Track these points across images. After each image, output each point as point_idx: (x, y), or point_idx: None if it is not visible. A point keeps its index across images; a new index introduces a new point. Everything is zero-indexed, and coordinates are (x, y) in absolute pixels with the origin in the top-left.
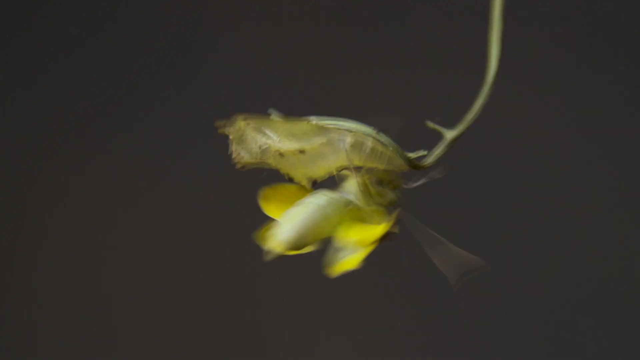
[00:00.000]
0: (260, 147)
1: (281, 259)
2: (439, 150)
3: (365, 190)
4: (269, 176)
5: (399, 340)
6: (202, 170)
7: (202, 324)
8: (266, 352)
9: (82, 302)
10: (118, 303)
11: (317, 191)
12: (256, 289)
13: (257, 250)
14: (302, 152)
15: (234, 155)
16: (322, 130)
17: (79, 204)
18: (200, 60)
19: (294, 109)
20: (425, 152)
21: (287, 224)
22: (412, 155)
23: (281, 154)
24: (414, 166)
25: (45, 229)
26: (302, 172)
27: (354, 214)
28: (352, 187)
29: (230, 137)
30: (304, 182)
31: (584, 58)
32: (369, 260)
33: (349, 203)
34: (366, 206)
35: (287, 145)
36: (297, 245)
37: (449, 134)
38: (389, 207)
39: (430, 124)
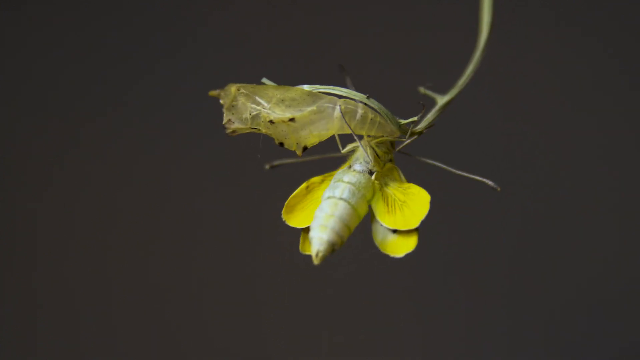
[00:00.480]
0: (251, 114)
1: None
2: (430, 116)
3: (375, 154)
4: (270, 177)
5: (399, 340)
6: (203, 169)
7: (202, 324)
8: (266, 352)
9: (81, 301)
10: (118, 303)
11: (335, 179)
12: (256, 289)
13: (257, 250)
14: (292, 120)
15: (225, 122)
16: (313, 97)
17: (74, 195)
18: (192, 36)
19: (288, 77)
20: (416, 118)
21: (316, 235)
22: (403, 121)
23: (272, 122)
24: (406, 132)
25: (44, 227)
26: (293, 139)
27: (378, 181)
28: (361, 156)
29: (222, 103)
30: (295, 149)
31: (576, 23)
32: (369, 260)
33: (370, 176)
34: (381, 168)
35: (278, 113)
36: (334, 249)
37: (441, 99)
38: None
39: (422, 90)
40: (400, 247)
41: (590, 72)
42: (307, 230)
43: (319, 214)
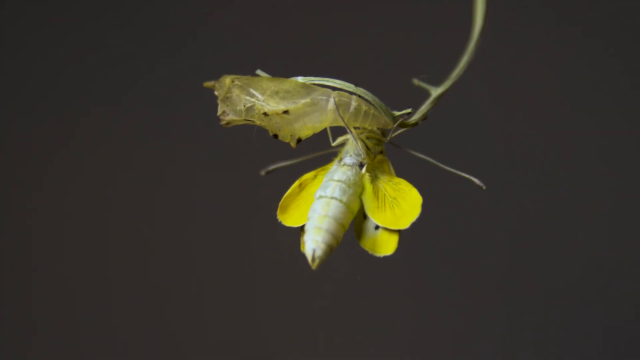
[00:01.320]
0: (245, 106)
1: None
2: (424, 107)
3: (365, 146)
4: (270, 177)
5: (397, 340)
6: (201, 168)
7: (202, 324)
8: (265, 351)
9: (79, 300)
10: (117, 302)
11: (326, 178)
12: (255, 288)
13: (255, 249)
14: (286, 112)
15: (219, 114)
16: (307, 89)
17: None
18: (192, 36)
19: (283, 69)
20: (410, 110)
21: (311, 238)
22: (397, 112)
23: (266, 114)
24: (400, 124)
25: (41, 226)
26: (287, 131)
27: (370, 173)
28: (351, 149)
29: (216, 94)
30: (289, 140)
31: (576, 23)
32: (369, 260)
33: (360, 169)
34: (371, 161)
35: (272, 105)
36: (332, 250)
37: (435, 91)
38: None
39: (416, 81)
40: (381, 247)
41: (590, 72)
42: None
43: (312, 215)
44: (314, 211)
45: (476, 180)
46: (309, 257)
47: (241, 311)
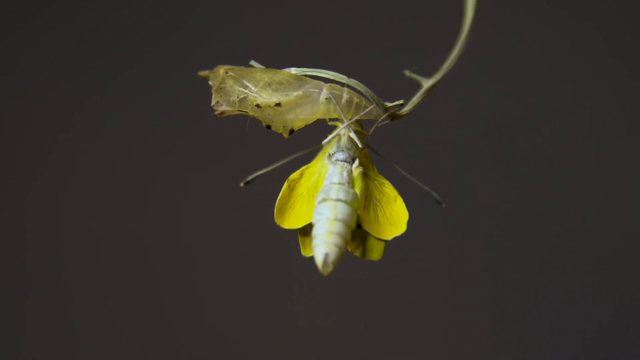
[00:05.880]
0: (238, 97)
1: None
2: (416, 99)
3: (356, 141)
4: (268, 178)
5: (397, 339)
6: (203, 166)
7: (203, 325)
8: (266, 351)
9: (75, 300)
10: (118, 301)
11: (327, 180)
12: (255, 288)
13: (254, 248)
14: (278, 105)
15: (213, 104)
16: (300, 81)
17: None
18: (185, 16)
19: (277, 61)
20: (402, 101)
21: (321, 242)
22: (389, 104)
23: (258, 106)
24: (392, 115)
25: (36, 226)
26: (280, 122)
27: (362, 167)
28: (343, 144)
29: (211, 84)
30: (282, 132)
31: (562, 3)
32: (368, 261)
33: (352, 164)
34: (361, 155)
35: (265, 97)
36: (343, 254)
37: (426, 83)
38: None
39: (408, 73)
40: (366, 251)
41: (589, 69)
42: (303, 232)
43: (320, 218)
44: (320, 214)
45: (435, 195)
46: (320, 262)
47: (240, 310)
